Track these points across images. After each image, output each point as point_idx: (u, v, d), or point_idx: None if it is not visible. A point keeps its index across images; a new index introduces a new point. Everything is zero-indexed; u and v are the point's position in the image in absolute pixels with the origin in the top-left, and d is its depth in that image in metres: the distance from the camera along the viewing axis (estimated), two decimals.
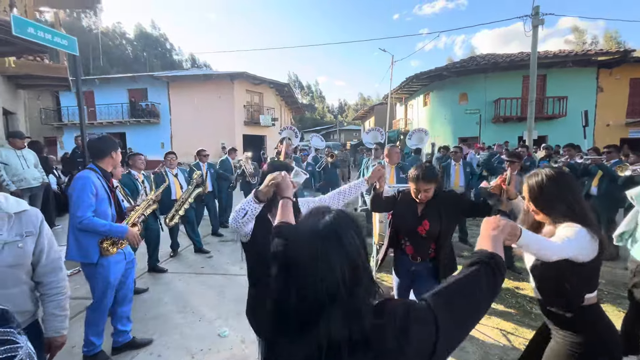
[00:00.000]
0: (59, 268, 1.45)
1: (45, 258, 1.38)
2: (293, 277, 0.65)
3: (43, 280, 1.40)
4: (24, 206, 1.36)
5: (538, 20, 9.86)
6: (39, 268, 1.38)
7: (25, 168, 4.66)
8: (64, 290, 1.46)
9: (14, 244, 1.28)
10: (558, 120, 13.88)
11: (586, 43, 37.06)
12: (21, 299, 1.32)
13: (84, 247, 2.24)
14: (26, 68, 5.25)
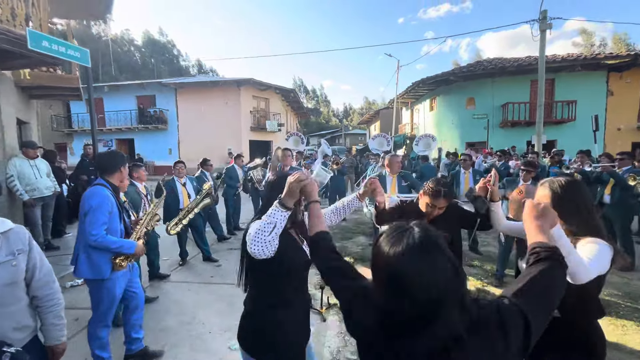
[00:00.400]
0: (52, 280, 1.49)
1: (38, 272, 1.42)
2: (406, 287, 0.71)
3: (38, 294, 1.43)
4: (9, 225, 1.38)
5: (546, 24, 9.80)
6: (34, 282, 1.41)
7: (38, 178, 4.73)
8: (60, 300, 1.51)
9: (8, 263, 1.30)
10: (567, 125, 13.72)
11: (594, 45, 36.64)
12: (21, 315, 1.37)
13: (95, 263, 2.25)
14: (40, 79, 5.36)
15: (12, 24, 3.98)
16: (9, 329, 1.32)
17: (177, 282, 4.18)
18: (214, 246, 5.64)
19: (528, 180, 3.93)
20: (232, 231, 6.41)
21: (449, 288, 0.71)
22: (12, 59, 4.20)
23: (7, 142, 4.65)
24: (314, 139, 43.85)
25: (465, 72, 14.85)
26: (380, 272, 0.78)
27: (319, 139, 41.39)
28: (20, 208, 4.92)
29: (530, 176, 3.95)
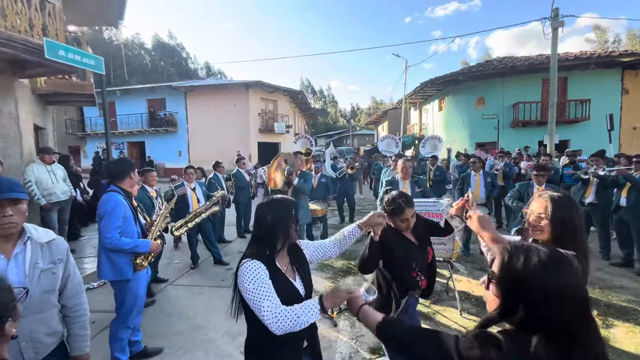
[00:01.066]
0: (82, 291, 1.56)
1: (70, 282, 1.48)
2: (554, 304, 0.76)
3: (68, 304, 1.48)
4: (52, 235, 1.46)
5: (558, 22, 9.60)
6: (66, 292, 1.47)
7: (54, 183, 4.85)
8: (87, 312, 1.57)
9: (49, 270, 1.38)
10: (581, 124, 13.43)
11: (608, 42, 35.80)
12: (53, 321, 1.42)
13: (117, 265, 2.33)
14: (56, 86, 5.51)
15: (29, 34, 4.11)
16: (43, 334, 1.37)
17: (189, 285, 4.23)
18: (224, 249, 5.70)
19: (541, 184, 3.86)
20: (243, 234, 6.47)
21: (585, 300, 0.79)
22: (30, 68, 4.33)
23: (24, 148, 4.79)
24: (322, 139, 43.89)
25: (475, 71, 14.68)
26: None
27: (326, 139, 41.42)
28: (37, 212, 5.05)
29: (543, 180, 3.88)
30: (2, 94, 4.42)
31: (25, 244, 1.35)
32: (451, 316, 3.28)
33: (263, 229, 1.39)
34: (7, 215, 1.25)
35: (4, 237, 1.30)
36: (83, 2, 6.72)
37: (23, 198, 1.32)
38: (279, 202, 1.44)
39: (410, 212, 1.97)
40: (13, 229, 1.29)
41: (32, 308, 1.31)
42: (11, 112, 4.50)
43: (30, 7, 4.14)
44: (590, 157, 5.13)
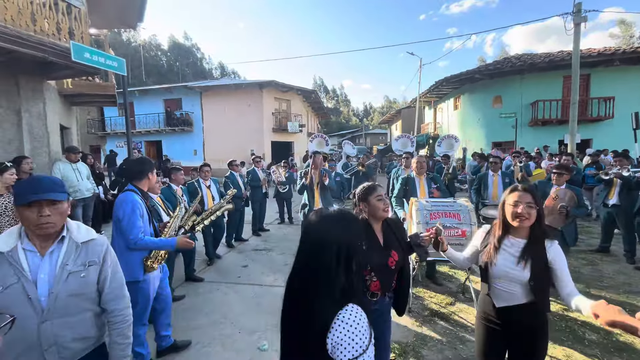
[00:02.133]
0: (122, 296, 1.48)
1: (108, 286, 1.42)
2: None
3: (107, 308, 1.43)
4: (92, 235, 1.41)
5: (580, 17, 9.27)
6: (104, 295, 1.42)
7: (79, 180, 5.05)
8: (127, 318, 1.49)
9: (78, 273, 1.32)
10: (604, 123, 12.95)
11: (633, 37, 34.29)
12: (83, 326, 1.36)
13: (130, 266, 2.35)
14: (80, 88, 5.73)
15: (57, 37, 4.29)
16: (69, 339, 1.31)
17: (207, 281, 4.33)
18: (240, 247, 5.80)
19: (562, 184, 3.75)
20: (257, 232, 6.56)
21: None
22: (58, 70, 4.52)
23: (51, 147, 5.00)
24: (334, 139, 43.84)
25: (492, 69, 14.35)
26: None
27: (339, 139, 41.34)
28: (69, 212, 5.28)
29: (563, 179, 3.77)
30: (32, 95, 4.63)
31: (62, 243, 1.33)
32: (468, 317, 3.25)
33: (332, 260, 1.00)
34: (44, 215, 1.24)
35: (44, 236, 1.30)
36: (105, 6, 6.95)
37: (61, 199, 1.30)
38: (350, 218, 1.07)
39: (382, 189, 1.88)
40: (51, 228, 1.28)
41: (58, 311, 1.27)
42: (40, 112, 4.71)
43: (57, 12, 4.32)
44: (614, 156, 4.95)
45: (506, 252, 1.69)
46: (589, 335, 2.89)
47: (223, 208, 4.26)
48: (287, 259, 5.03)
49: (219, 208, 4.43)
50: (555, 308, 3.37)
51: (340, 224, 1.03)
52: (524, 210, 1.62)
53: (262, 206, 6.75)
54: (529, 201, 1.64)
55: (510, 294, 1.67)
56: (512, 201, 1.67)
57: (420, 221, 3.18)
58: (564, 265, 1.62)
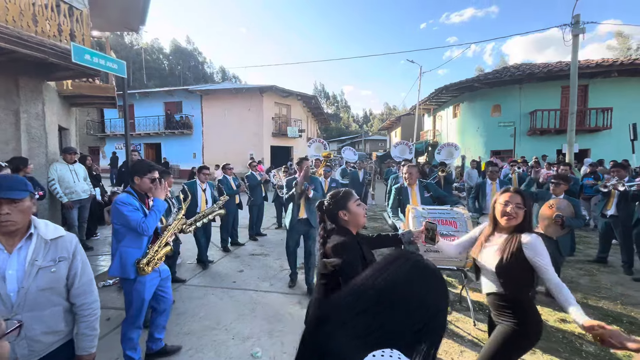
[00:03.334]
0: (91, 291, 1.53)
1: (78, 281, 1.47)
2: None
3: (76, 302, 1.48)
4: (61, 232, 1.46)
5: (578, 29, 9.37)
6: (73, 290, 1.46)
7: (76, 181, 5.02)
8: (95, 311, 1.55)
9: (48, 269, 1.36)
10: (602, 133, 13.03)
11: (631, 49, 34.72)
12: (53, 320, 1.40)
13: (124, 263, 2.39)
14: (80, 89, 5.74)
15: (58, 39, 4.29)
16: (39, 332, 1.35)
17: (201, 286, 4.29)
18: (236, 251, 5.76)
19: (560, 194, 3.75)
20: (254, 237, 6.52)
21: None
22: (58, 71, 4.52)
23: (49, 148, 4.98)
24: (334, 144, 43.92)
25: (491, 78, 14.46)
26: None
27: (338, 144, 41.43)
28: (59, 210, 5.24)
29: (561, 189, 3.77)
30: (32, 96, 4.62)
31: (30, 239, 1.36)
32: (464, 327, 3.21)
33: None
34: (3, 214, 1.27)
35: (7, 233, 1.32)
36: (108, 9, 7.00)
37: (19, 197, 1.30)
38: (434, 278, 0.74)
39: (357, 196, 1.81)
40: (12, 226, 1.30)
41: (28, 306, 1.31)
42: (39, 113, 4.70)
43: (59, 13, 4.34)
44: (612, 167, 4.96)
45: (490, 246, 1.87)
46: (586, 347, 2.86)
47: (215, 212, 4.25)
48: (283, 265, 4.99)
49: (211, 212, 4.42)
50: (552, 319, 3.34)
51: (434, 281, 0.73)
52: (513, 210, 1.79)
53: (261, 210, 6.72)
54: (518, 202, 1.81)
55: (488, 283, 1.88)
56: (503, 201, 1.84)
57: (417, 228, 3.16)
58: (542, 259, 1.69)
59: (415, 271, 0.72)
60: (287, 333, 3.12)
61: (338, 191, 1.77)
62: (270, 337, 3.05)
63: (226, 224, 5.72)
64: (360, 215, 1.70)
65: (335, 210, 1.70)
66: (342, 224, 1.69)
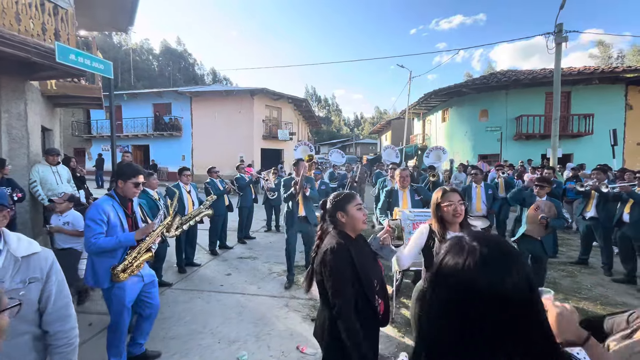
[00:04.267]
0: (67, 316, 1.32)
1: (51, 306, 1.26)
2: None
3: (49, 330, 1.28)
4: (35, 248, 1.27)
5: (561, 37, 9.68)
6: (45, 316, 1.26)
7: (59, 183, 4.89)
8: (72, 340, 1.34)
9: (15, 292, 1.17)
10: (584, 138, 13.43)
11: (612, 58, 36.00)
12: (19, 351, 1.21)
13: (97, 273, 2.34)
14: (65, 89, 5.61)
15: (42, 38, 4.21)
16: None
17: (187, 289, 4.23)
18: (224, 254, 5.70)
19: (543, 196, 3.87)
20: (243, 240, 6.47)
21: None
22: (41, 70, 4.42)
23: (31, 149, 4.85)
24: (325, 147, 43.99)
25: (479, 84, 14.77)
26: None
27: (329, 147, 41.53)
28: (41, 212, 5.10)
29: (544, 192, 3.88)
30: (13, 95, 4.51)
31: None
32: None
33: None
34: None
35: None
36: (95, 8, 6.89)
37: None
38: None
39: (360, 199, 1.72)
40: None
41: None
42: (20, 113, 4.59)
43: (44, 12, 4.26)
44: (593, 169, 5.12)
45: None
46: None
47: (202, 213, 4.21)
48: (272, 268, 4.97)
49: (198, 213, 4.37)
50: None
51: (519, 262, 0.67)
52: (459, 208, 1.97)
53: (251, 213, 6.68)
54: (459, 199, 1.98)
55: None
56: (448, 202, 1.98)
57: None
58: None
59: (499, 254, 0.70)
60: (274, 336, 3.10)
61: (341, 192, 1.76)
62: (256, 341, 3.03)
63: (215, 227, 5.66)
64: (358, 220, 1.65)
65: (334, 210, 1.68)
66: (340, 226, 1.66)
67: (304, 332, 3.16)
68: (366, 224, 1.71)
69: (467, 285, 0.64)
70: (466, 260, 0.66)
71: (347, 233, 1.66)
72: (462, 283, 0.65)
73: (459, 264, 0.66)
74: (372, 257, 1.74)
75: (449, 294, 0.67)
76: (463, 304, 0.64)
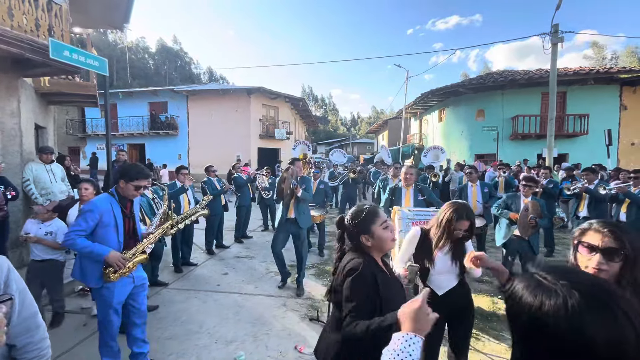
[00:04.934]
0: (36, 326, 1.19)
1: (16, 317, 1.12)
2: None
3: (17, 343, 1.14)
4: None
5: (557, 38, 9.72)
6: (11, 329, 1.10)
7: (53, 182, 4.83)
8: (43, 352, 1.21)
9: None
10: (579, 138, 13.53)
11: (606, 59, 36.36)
12: None
13: (84, 271, 2.30)
14: (58, 86, 5.53)
15: (35, 34, 4.14)
16: None
17: (184, 289, 4.19)
18: (220, 254, 5.66)
19: (529, 196, 3.90)
20: (240, 239, 6.44)
21: None
22: (35, 67, 4.35)
23: (24, 147, 4.78)
24: (322, 147, 43.98)
25: (475, 84, 14.83)
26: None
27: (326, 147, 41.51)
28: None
29: (530, 191, 3.92)
30: (6, 92, 4.43)
31: None
32: None
33: None
34: None
35: None
36: (90, 5, 6.80)
37: None
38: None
39: (384, 215, 1.52)
40: None
41: None
42: (13, 110, 4.51)
43: (37, 8, 4.18)
44: (583, 170, 5.20)
45: (444, 253, 2.04)
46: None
47: (198, 213, 4.18)
48: (269, 267, 4.94)
49: (194, 213, 4.33)
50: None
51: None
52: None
53: (248, 212, 6.65)
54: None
55: (447, 281, 2.06)
56: (460, 227, 1.96)
57: (402, 230, 3.19)
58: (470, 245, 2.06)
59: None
60: (271, 336, 3.08)
61: (362, 209, 1.50)
62: (254, 341, 3.01)
63: (211, 226, 5.62)
64: (386, 241, 1.45)
65: (357, 234, 1.47)
66: (364, 249, 1.47)
67: (302, 332, 3.14)
68: (395, 241, 1.51)
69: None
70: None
71: (372, 255, 1.47)
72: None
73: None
74: (398, 284, 1.55)
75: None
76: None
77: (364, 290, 1.35)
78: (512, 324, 0.66)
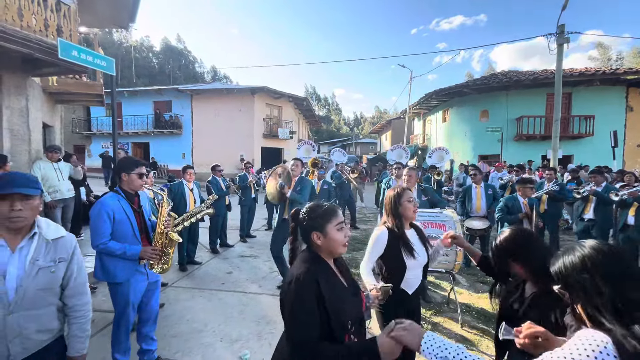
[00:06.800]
0: (84, 292, 1.55)
1: (73, 282, 1.48)
2: None
3: (68, 303, 1.48)
4: (62, 232, 1.47)
5: (563, 38, 9.67)
6: (67, 291, 1.47)
7: (60, 180, 4.89)
8: (87, 313, 1.55)
9: (48, 269, 1.38)
10: (585, 140, 13.45)
11: (611, 59, 36.03)
12: (47, 318, 1.42)
13: (106, 268, 2.32)
14: (66, 86, 5.61)
15: (44, 34, 4.20)
16: (33, 331, 1.36)
17: (189, 287, 4.23)
18: (225, 252, 5.70)
19: (526, 197, 3.90)
20: (244, 238, 6.47)
21: None
22: (43, 66, 4.41)
23: (33, 145, 4.85)
24: (325, 146, 43.96)
25: (480, 84, 14.78)
26: None
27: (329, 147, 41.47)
28: (41, 209, 5.09)
29: (529, 193, 3.94)
30: (15, 91, 4.49)
31: (32, 239, 1.37)
32: (451, 327, 3.26)
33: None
34: (16, 210, 1.28)
35: (14, 230, 1.33)
36: (97, 5, 6.86)
37: (33, 194, 1.34)
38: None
39: (342, 217, 1.40)
40: (21, 223, 1.32)
41: (25, 304, 1.32)
42: (22, 109, 4.57)
43: (46, 8, 4.24)
44: (590, 173, 5.16)
45: (414, 243, 2.03)
46: None
47: (203, 212, 4.21)
48: (273, 266, 4.95)
49: (200, 211, 4.37)
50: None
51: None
52: (416, 204, 2.09)
53: (251, 212, 6.68)
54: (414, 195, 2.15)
55: (418, 278, 2.07)
56: (408, 198, 2.04)
57: None
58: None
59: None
60: (276, 335, 3.09)
61: (320, 205, 1.40)
62: (259, 339, 3.03)
63: (215, 226, 5.66)
64: (337, 243, 1.33)
65: (309, 229, 1.35)
66: (314, 248, 1.36)
67: None
68: (347, 246, 1.38)
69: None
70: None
71: (322, 257, 1.35)
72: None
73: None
74: (352, 291, 1.39)
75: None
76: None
77: (306, 302, 1.18)
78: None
